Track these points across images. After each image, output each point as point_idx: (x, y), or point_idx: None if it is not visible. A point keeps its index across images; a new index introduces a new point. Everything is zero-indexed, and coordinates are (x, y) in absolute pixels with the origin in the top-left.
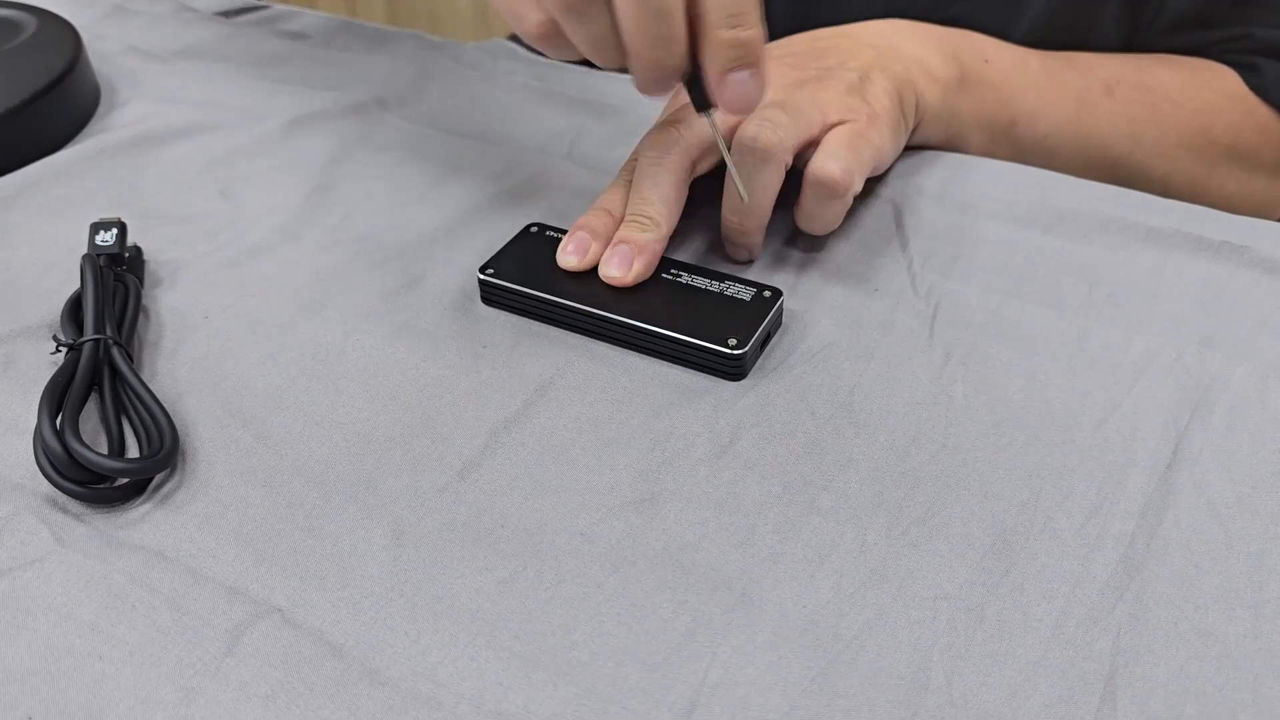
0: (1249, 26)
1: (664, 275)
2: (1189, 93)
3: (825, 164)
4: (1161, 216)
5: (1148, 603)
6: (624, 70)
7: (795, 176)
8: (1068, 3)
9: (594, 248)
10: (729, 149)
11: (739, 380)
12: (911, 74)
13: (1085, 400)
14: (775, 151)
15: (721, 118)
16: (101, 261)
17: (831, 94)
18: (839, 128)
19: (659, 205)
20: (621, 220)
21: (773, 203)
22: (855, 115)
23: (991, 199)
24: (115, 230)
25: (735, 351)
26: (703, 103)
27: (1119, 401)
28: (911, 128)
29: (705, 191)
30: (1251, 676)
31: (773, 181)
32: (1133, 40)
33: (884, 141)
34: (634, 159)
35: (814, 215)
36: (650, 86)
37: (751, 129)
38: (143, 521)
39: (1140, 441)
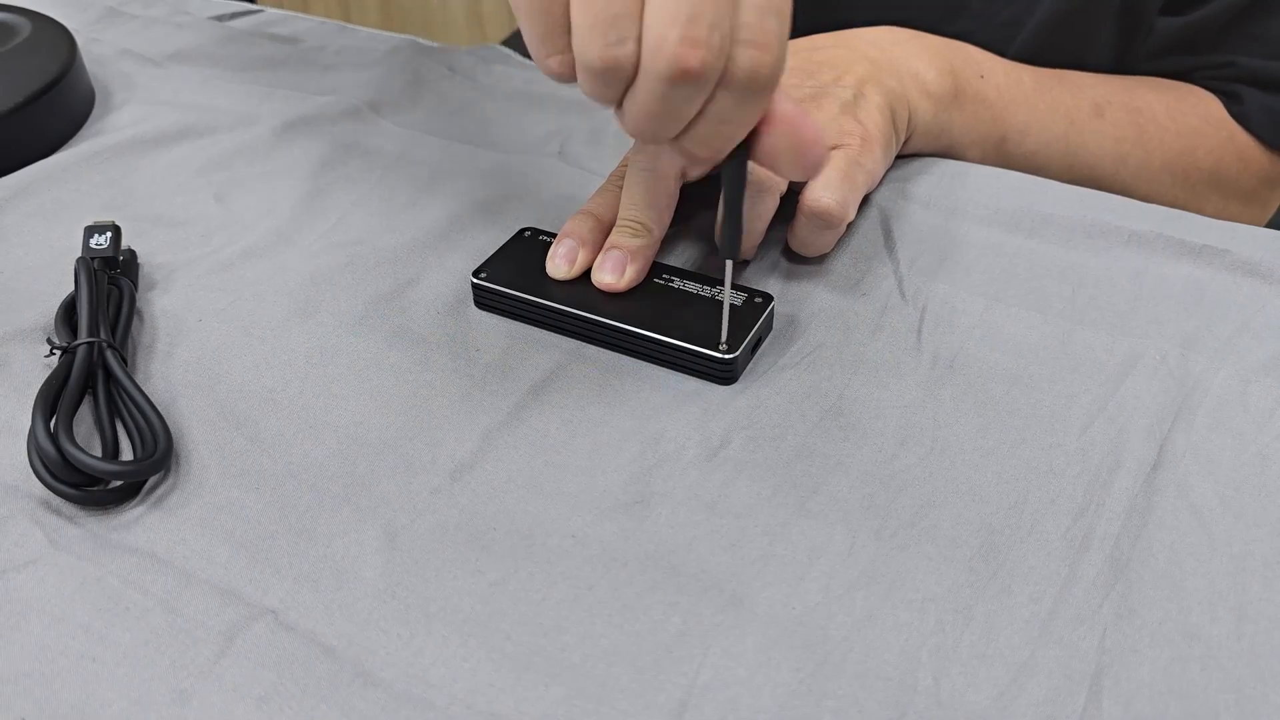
0: (1233, 54)
1: (656, 280)
2: (1174, 117)
3: (821, 196)
4: (1143, 221)
5: (1133, 604)
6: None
7: (789, 192)
8: (1061, 26)
9: (582, 255)
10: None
11: (730, 384)
12: (906, 88)
13: (1071, 403)
14: (771, 182)
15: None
16: (95, 265)
17: (826, 115)
18: (833, 154)
19: (650, 211)
20: (609, 225)
21: (766, 226)
22: (849, 138)
23: (977, 204)
24: (109, 233)
25: (726, 356)
26: (731, 248)
27: (1104, 404)
28: (903, 142)
29: (697, 197)
30: (1235, 677)
31: (768, 209)
32: (1122, 63)
33: (877, 165)
34: (624, 164)
35: (808, 242)
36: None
37: None
38: (136, 524)
39: (1125, 444)
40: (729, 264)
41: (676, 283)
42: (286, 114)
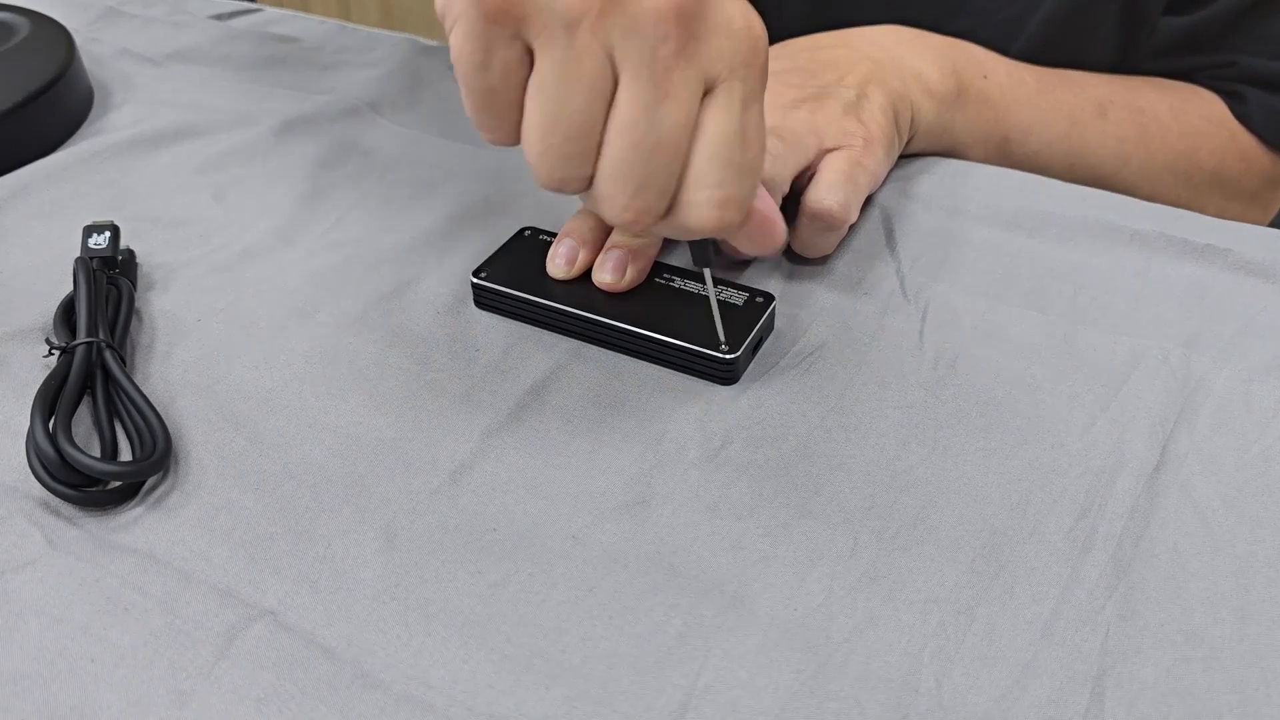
0: (1236, 54)
1: (657, 280)
2: (1177, 117)
3: (823, 198)
4: (1146, 220)
5: (1135, 604)
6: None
7: (791, 194)
8: (1064, 24)
9: (582, 255)
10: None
11: (731, 384)
12: (909, 89)
13: (1073, 403)
14: (773, 184)
15: None
16: (94, 265)
17: (828, 116)
18: (836, 155)
19: None
20: (609, 225)
21: None
22: (851, 139)
23: (978, 203)
24: (108, 233)
25: (727, 356)
26: (702, 259)
27: (1106, 404)
28: (905, 142)
29: None
30: (1237, 678)
31: None
32: (1125, 62)
33: (879, 166)
34: None
35: (810, 244)
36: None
37: None
38: (135, 524)
39: (1128, 444)
40: (707, 271)
41: (677, 282)
42: (286, 113)
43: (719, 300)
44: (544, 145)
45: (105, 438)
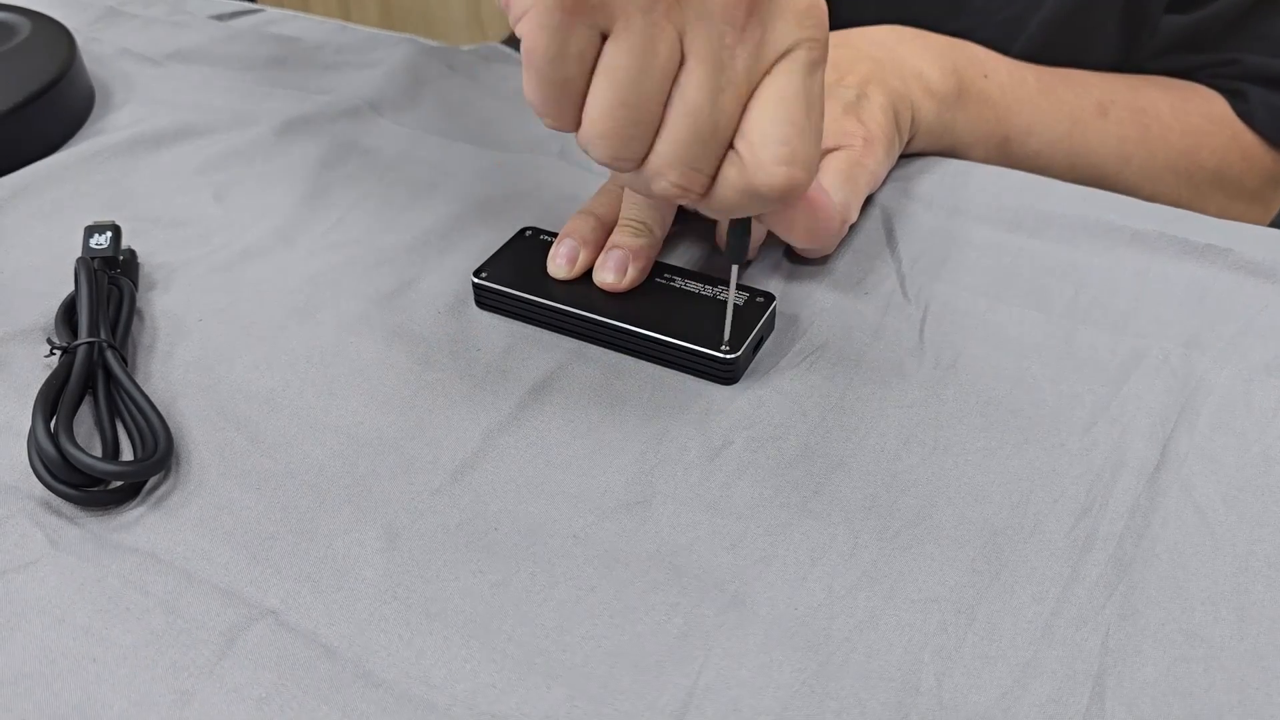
0: (1238, 53)
1: (657, 280)
2: (1178, 116)
3: None
4: (1146, 220)
5: (1136, 604)
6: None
7: None
8: (1066, 23)
9: (583, 255)
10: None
11: (731, 384)
12: (909, 88)
13: (1074, 403)
14: None
15: None
16: (96, 265)
17: (828, 116)
18: (836, 155)
19: (653, 210)
20: (610, 225)
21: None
22: (851, 139)
23: (979, 203)
24: (109, 233)
25: (728, 355)
26: (738, 251)
27: (1107, 404)
28: (906, 142)
29: None
30: (1237, 677)
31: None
32: (1127, 61)
33: (879, 166)
34: None
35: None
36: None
37: None
38: (137, 524)
39: (1128, 443)
40: (734, 268)
41: (678, 282)
42: (286, 113)
43: (721, 300)
44: (610, 124)
45: (107, 437)
